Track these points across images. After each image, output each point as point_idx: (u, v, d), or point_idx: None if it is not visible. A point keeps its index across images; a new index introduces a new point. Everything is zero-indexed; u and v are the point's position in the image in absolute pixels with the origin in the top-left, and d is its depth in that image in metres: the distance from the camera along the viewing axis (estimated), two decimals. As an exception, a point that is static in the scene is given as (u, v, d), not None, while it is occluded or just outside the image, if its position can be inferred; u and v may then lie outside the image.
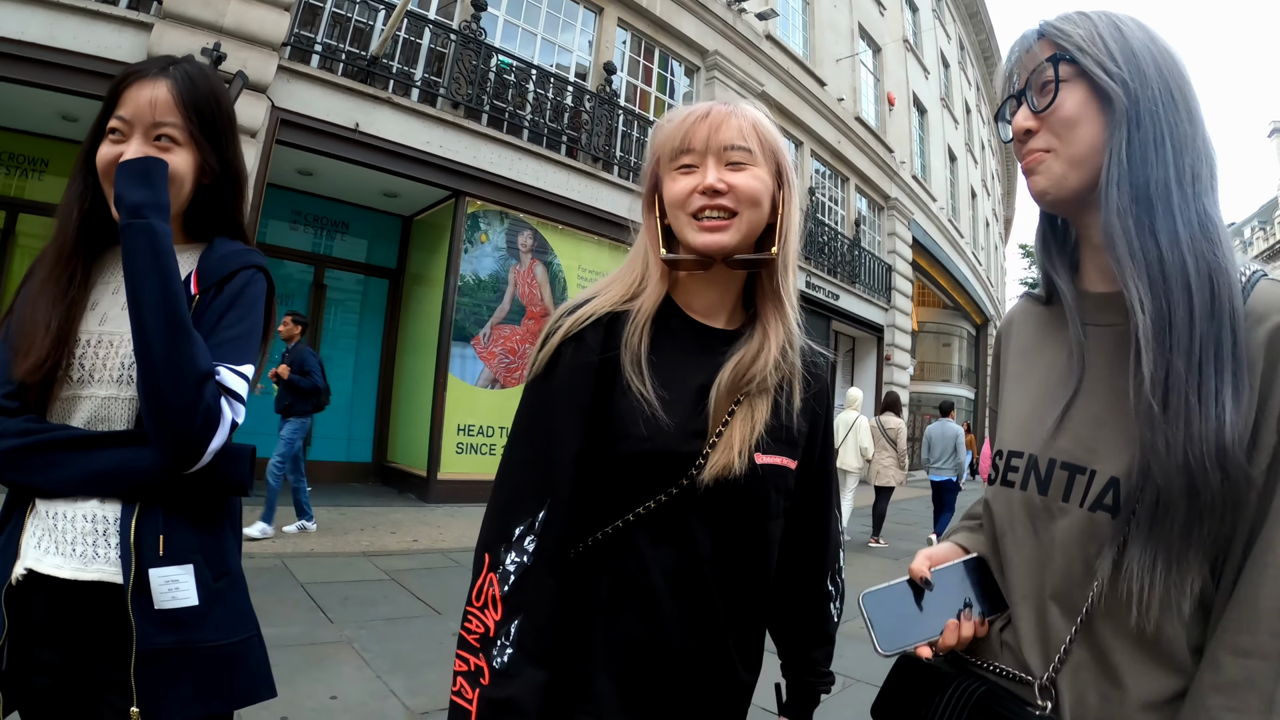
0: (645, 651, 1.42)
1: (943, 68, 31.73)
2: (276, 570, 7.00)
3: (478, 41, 12.46)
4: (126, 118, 1.61)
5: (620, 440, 1.41)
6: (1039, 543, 1.24)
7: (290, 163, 11.31)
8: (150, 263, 1.50)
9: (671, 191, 1.47)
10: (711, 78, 16.83)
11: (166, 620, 1.52)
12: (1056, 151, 1.24)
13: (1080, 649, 1.17)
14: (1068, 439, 1.23)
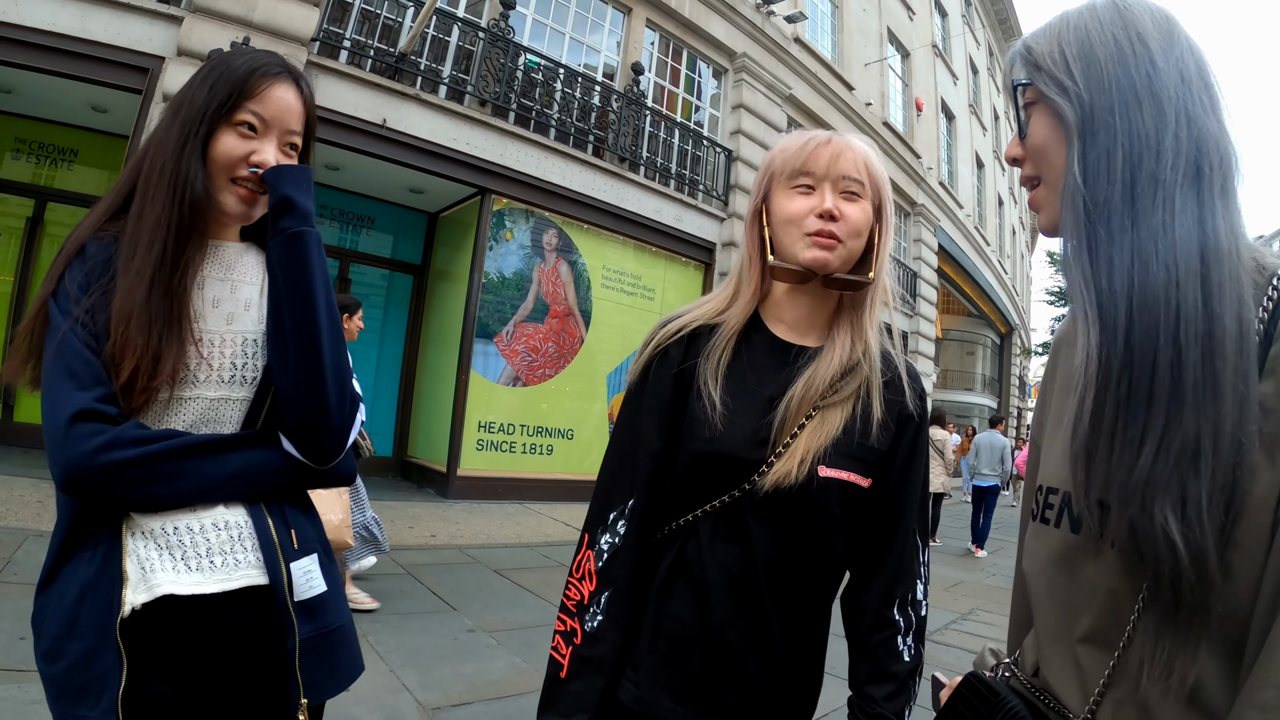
0: (691, 634, 1.54)
1: (971, 74, 31.56)
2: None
3: (506, 40, 12.48)
4: (265, 117, 1.61)
5: (689, 441, 1.57)
6: (1072, 582, 1.16)
7: (318, 157, 11.02)
8: (323, 270, 1.60)
9: (787, 208, 1.59)
10: (739, 80, 16.77)
11: (305, 610, 1.57)
12: (1044, 182, 1.19)
13: (1118, 689, 1.09)
14: None
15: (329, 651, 1.61)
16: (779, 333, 1.66)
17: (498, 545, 8.96)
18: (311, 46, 10.26)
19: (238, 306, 1.65)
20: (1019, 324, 38.14)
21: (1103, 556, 1.10)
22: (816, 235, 1.55)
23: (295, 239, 1.57)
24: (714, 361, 1.59)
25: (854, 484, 1.57)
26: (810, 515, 1.55)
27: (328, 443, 1.61)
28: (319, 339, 1.55)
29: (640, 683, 1.55)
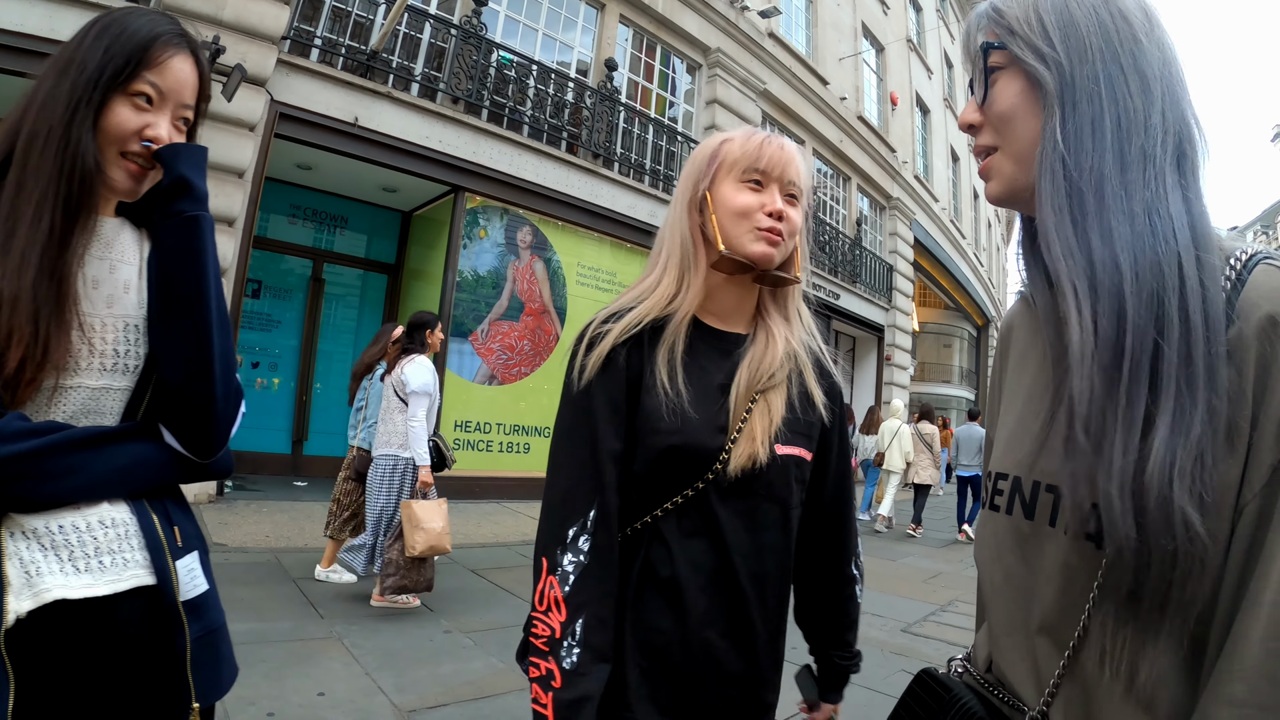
0: (668, 641, 1.51)
1: (946, 68, 31.62)
2: (269, 565, 6.98)
3: (478, 37, 12.41)
4: (163, 89, 1.50)
5: (651, 435, 1.53)
6: (1028, 571, 1.12)
7: (289, 157, 11.27)
8: (211, 256, 1.52)
9: (737, 200, 1.61)
10: (714, 75, 16.77)
11: (191, 610, 1.51)
12: (1002, 149, 1.15)
13: (1069, 686, 1.06)
14: (1053, 458, 1.06)
15: (214, 652, 1.56)
16: (710, 323, 1.68)
17: (475, 545, 8.94)
18: (282, 45, 10.16)
19: (117, 288, 1.52)
20: (995, 316, 38.26)
21: (1055, 543, 1.07)
22: (767, 231, 1.59)
23: (191, 224, 1.49)
24: (669, 354, 1.58)
25: (803, 458, 1.66)
26: (775, 494, 1.59)
27: (212, 435, 1.53)
28: (209, 328, 1.48)
29: (630, 705, 1.50)
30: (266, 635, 5.13)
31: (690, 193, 1.68)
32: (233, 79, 8.91)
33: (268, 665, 4.62)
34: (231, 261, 9.78)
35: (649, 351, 1.57)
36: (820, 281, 20.03)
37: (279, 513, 9.16)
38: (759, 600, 1.57)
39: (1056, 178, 1.04)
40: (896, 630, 7.12)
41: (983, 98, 1.15)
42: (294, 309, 13.13)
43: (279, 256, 12.87)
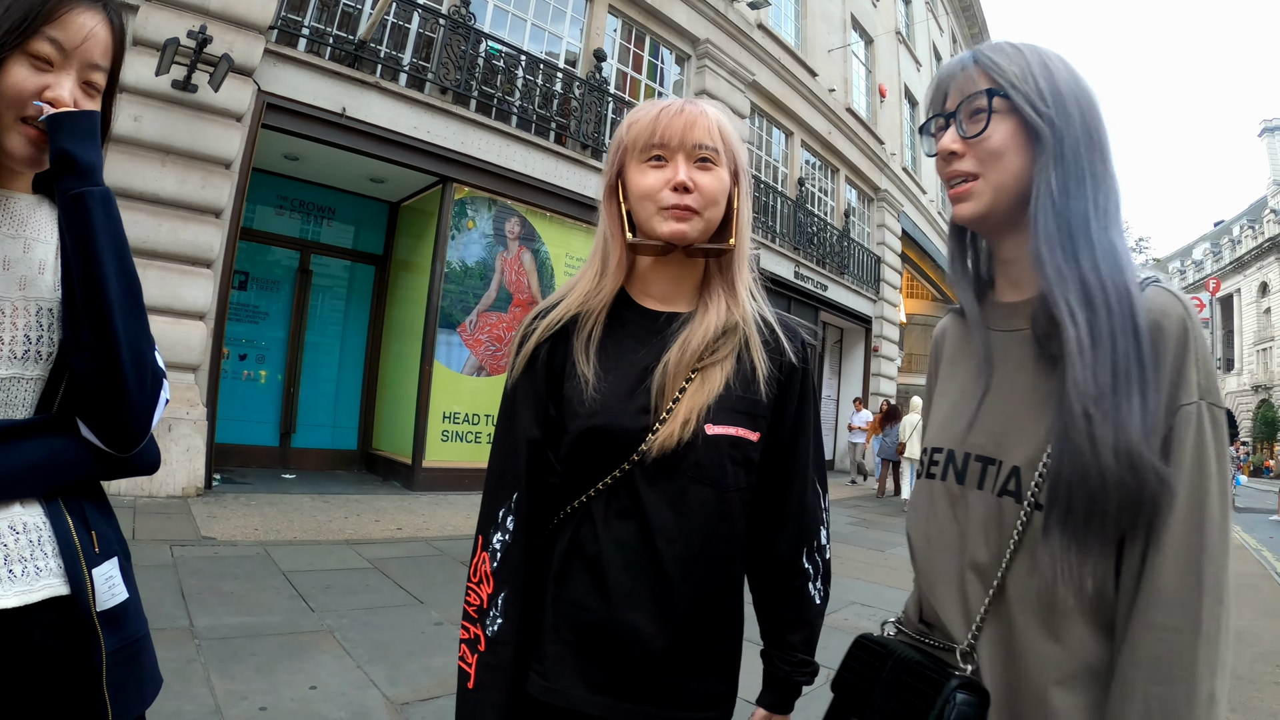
0: (593, 618, 1.52)
1: (935, 60, 31.60)
2: (259, 558, 6.93)
3: (467, 26, 12.35)
4: (65, 46, 1.37)
5: (570, 421, 1.55)
6: (958, 525, 1.41)
7: (276, 147, 11.20)
8: (112, 233, 1.37)
9: (641, 183, 1.58)
10: (702, 66, 16.75)
11: (109, 620, 1.41)
12: (984, 177, 1.37)
13: (993, 622, 1.33)
14: (980, 435, 1.40)
15: (135, 664, 1.46)
16: (648, 305, 1.67)
17: (465, 537, 8.90)
18: (270, 34, 10.09)
19: (31, 269, 1.42)
20: (982, 308, 38.46)
21: (982, 501, 1.37)
22: (672, 209, 1.55)
23: (76, 202, 1.35)
24: (584, 340, 1.59)
25: (742, 438, 1.58)
26: (703, 476, 1.54)
27: (128, 426, 1.41)
28: (109, 311, 1.34)
29: (548, 674, 1.52)
30: (257, 629, 5.10)
31: (607, 179, 1.66)
32: (219, 69, 8.87)
33: (259, 659, 4.59)
34: (219, 253, 9.73)
35: (575, 340, 1.60)
36: (808, 273, 20.08)
37: (268, 505, 9.12)
38: (689, 584, 1.53)
39: (1049, 215, 1.31)
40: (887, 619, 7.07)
41: (978, 132, 1.35)
42: (281, 300, 13.05)
43: (266, 248, 12.79)
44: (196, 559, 6.61)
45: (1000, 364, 1.42)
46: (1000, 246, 1.48)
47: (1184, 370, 1.21)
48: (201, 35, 8.83)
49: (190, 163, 9.36)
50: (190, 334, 9.39)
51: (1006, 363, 1.41)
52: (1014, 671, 1.30)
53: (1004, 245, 1.46)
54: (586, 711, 1.50)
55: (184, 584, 5.85)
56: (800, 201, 20.58)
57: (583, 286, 1.65)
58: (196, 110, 9.35)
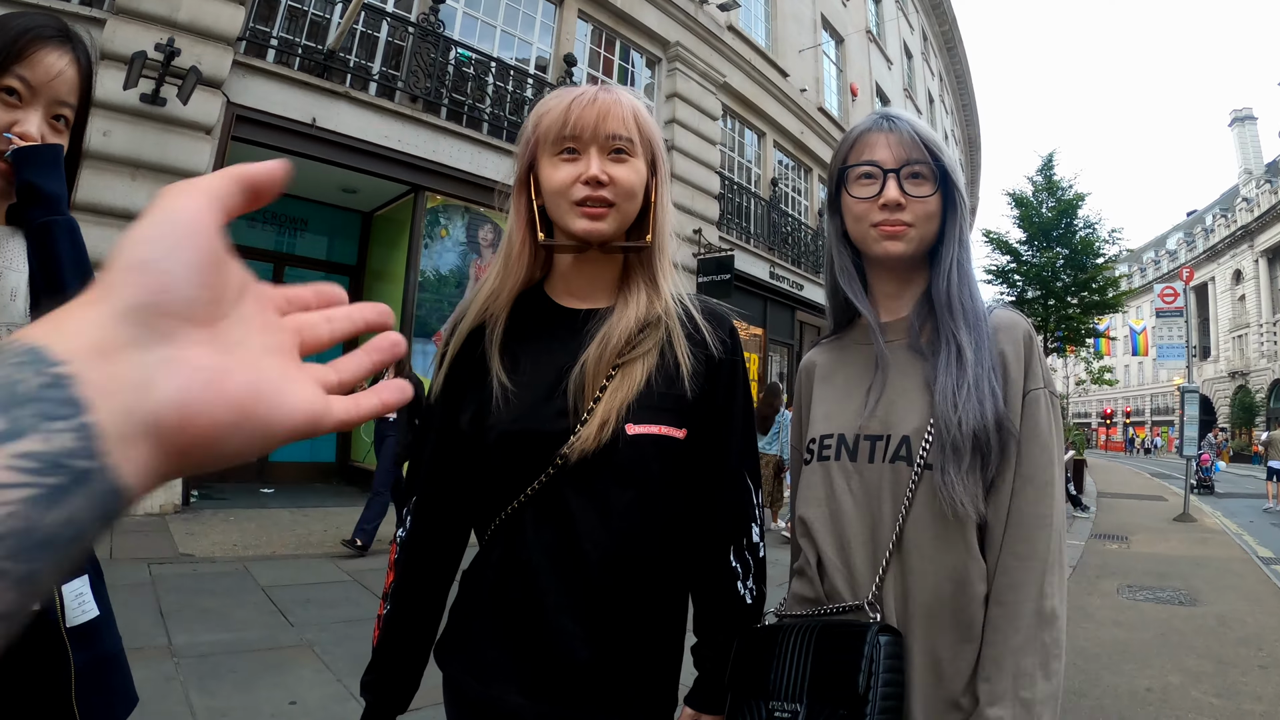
0: (527, 625, 1.50)
1: (906, 58, 31.82)
2: (237, 574, 6.89)
3: (436, 34, 12.33)
4: (32, 83, 1.44)
5: (488, 430, 1.51)
6: (856, 498, 1.63)
7: (247, 158, 10.55)
8: (76, 260, 1.45)
9: (554, 177, 1.52)
10: (673, 69, 16.79)
11: (79, 637, 1.44)
12: (915, 228, 1.66)
13: (894, 568, 1.56)
14: (871, 421, 1.65)
15: (105, 681, 1.49)
16: (568, 303, 1.63)
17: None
18: (238, 46, 10.03)
19: (3, 296, 1.47)
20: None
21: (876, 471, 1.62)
22: (584, 204, 1.50)
23: (41, 231, 1.43)
24: (494, 344, 1.55)
25: (667, 436, 1.53)
26: (627, 478, 1.50)
27: None
28: None
29: (484, 679, 1.51)
30: (235, 645, 5.08)
31: (517, 173, 1.62)
32: (188, 81, 8.83)
33: (238, 676, 4.57)
34: (190, 266, 9.63)
35: (486, 347, 1.57)
36: (783, 273, 20.13)
37: (247, 521, 9.07)
38: (618, 588, 1.49)
39: (954, 264, 1.68)
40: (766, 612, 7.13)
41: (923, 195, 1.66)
42: (255, 313, 12.92)
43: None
44: (175, 576, 6.57)
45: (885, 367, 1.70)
46: (887, 282, 1.78)
47: (1031, 364, 1.61)
48: (169, 48, 8.78)
49: (161, 176, 9.24)
50: (163, 349, 9.30)
51: (888, 366, 1.69)
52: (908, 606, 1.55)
53: (891, 281, 1.77)
54: (521, 716, 1.49)
55: (162, 602, 5.81)
56: (774, 202, 20.62)
57: (486, 289, 1.61)
58: (166, 123, 9.26)
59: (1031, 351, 1.62)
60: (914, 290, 1.75)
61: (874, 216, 1.66)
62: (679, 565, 1.63)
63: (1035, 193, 26.90)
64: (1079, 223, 26.03)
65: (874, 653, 1.44)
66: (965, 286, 1.67)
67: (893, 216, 1.64)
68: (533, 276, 1.64)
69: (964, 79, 43.04)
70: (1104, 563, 11.20)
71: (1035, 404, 1.58)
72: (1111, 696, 5.57)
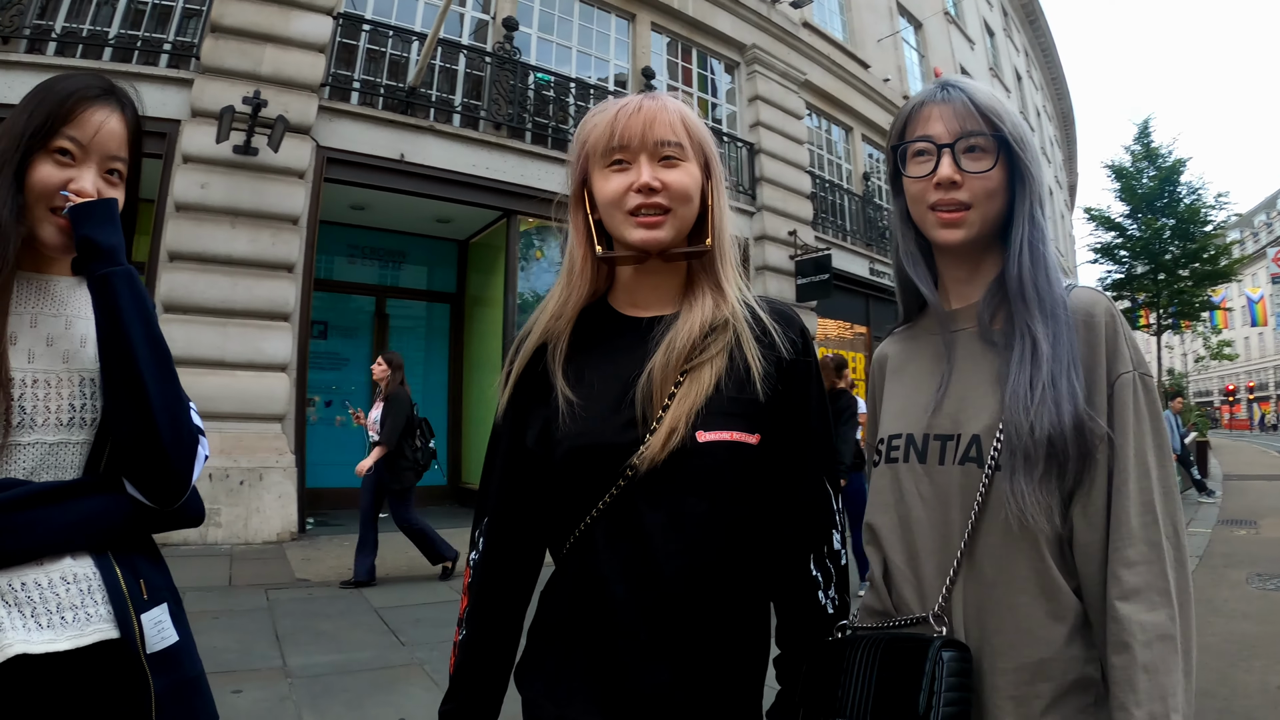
0: (604, 645, 1.44)
1: (988, 36, 31.05)
2: (351, 596, 7.17)
3: (513, 61, 12.62)
4: (82, 142, 1.53)
5: (555, 446, 1.48)
6: (927, 503, 1.51)
7: (342, 199, 11.58)
8: (138, 308, 1.51)
9: (606, 189, 1.50)
10: (753, 72, 16.75)
11: (159, 662, 1.51)
12: (976, 209, 1.51)
13: (964, 577, 1.45)
14: (940, 418, 1.53)
15: (185, 704, 1.56)
16: (632, 314, 1.59)
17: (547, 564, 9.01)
18: (322, 92, 10.50)
19: (73, 344, 1.57)
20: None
21: (946, 474, 1.49)
22: (639, 213, 1.47)
23: (102, 282, 1.49)
24: (557, 360, 1.53)
25: (740, 443, 1.47)
26: (700, 487, 1.45)
27: (168, 484, 1.54)
28: (142, 380, 1.48)
29: (562, 702, 1.47)
30: (348, 666, 5.27)
31: (573, 189, 1.60)
32: (276, 130, 9.22)
33: (349, 695, 4.75)
34: (295, 306, 10.12)
35: (550, 363, 1.55)
36: (883, 268, 19.84)
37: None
38: (696, 603, 1.44)
39: (1027, 248, 1.50)
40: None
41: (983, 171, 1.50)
42: (361, 346, 13.45)
43: (343, 296, 13.22)
44: (291, 601, 6.87)
45: (953, 358, 1.57)
46: (956, 267, 1.63)
47: (1117, 347, 1.44)
48: (256, 100, 9.21)
49: (259, 222, 9.74)
50: (274, 386, 9.77)
51: (957, 357, 1.57)
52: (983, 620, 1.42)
53: (960, 266, 1.62)
54: None
55: (278, 625, 6.07)
56: (868, 197, 20.35)
57: (552, 306, 1.58)
58: (259, 171, 9.75)
59: (1116, 332, 1.44)
60: (986, 273, 1.58)
61: (930, 197, 1.52)
62: (758, 576, 1.55)
63: (1134, 162, 25.89)
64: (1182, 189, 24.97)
65: (936, 670, 1.32)
66: (1040, 270, 1.48)
67: (948, 196, 1.50)
68: (597, 290, 1.61)
69: (1050, 52, 41.76)
70: (1231, 550, 10.58)
71: (1125, 389, 1.40)
72: (1241, 695, 5.13)
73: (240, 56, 9.87)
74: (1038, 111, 38.31)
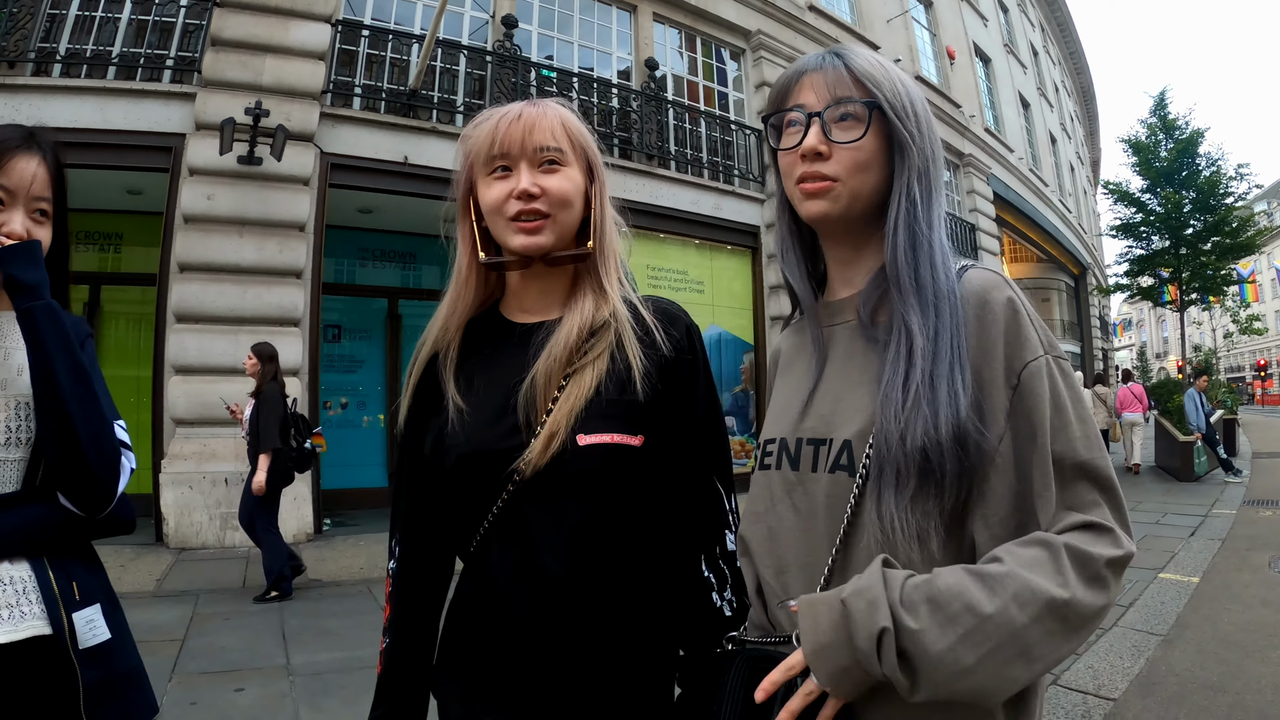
0: (505, 648, 1.49)
1: (1001, 12, 30.63)
2: (360, 595, 7.33)
3: (514, 58, 12.70)
4: (9, 188, 1.68)
5: (446, 455, 1.52)
6: (798, 514, 1.39)
7: (348, 203, 11.72)
8: (58, 338, 1.66)
9: (488, 197, 1.54)
10: (759, 58, 16.68)
11: (90, 658, 1.67)
12: (843, 182, 1.37)
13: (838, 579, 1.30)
14: (812, 419, 1.41)
15: (115, 695, 1.72)
16: (520, 320, 1.63)
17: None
18: (324, 99, 10.65)
19: (10, 372, 1.73)
20: (1091, 262, 36.86)
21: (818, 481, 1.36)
22: (519, 219, 1.50)
23: (25, 316, 1.64)
24: (448, 368, 1.58)
25: (621, 445, 1.49)
26: (581, 491, 1.48)
27: (95, 495, 1.70)
28: (64, 402, 1.63)
29: (469, 702, 1.53)
30: (349, 664, 5.40)
31: (459, 198, 1.65)
32: (277, 139, 9.39)
33: (347, 692, 4.87)
34: (304, 311, 10.29)
35: (441, 372, 1.60)
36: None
37: (376, 544, 9.54)
38: (585, 604, 1.47)
39: (905, 227, 1.36)
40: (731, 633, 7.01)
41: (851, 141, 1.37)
42: (375, 347, 13.60)
43: (355, 299, 13.37)
44: (300, 600, 7.06)
45: (831, 355, 1.47)
46: (836, 247, 1.50)
47: (1020, 334, 1.27)
48: (257, 110, 9.37)
49: (266, 230, 9.92)
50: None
51: (835, 353, 1.46)
52: None
53: (839, 246, 1.49)
54: None
55: (286, 625, 6.25)
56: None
57: (440, 316, 1.63)
58: (264, 180, 9.91)
59: (1017, 317, 1.29)
60: (869, 257, 1.47)
61: (796, 170, 1.41)
62: (651, 578, 1.58)
63: (1150, 135, 25.38)
64: (1201, 161, 24.34)
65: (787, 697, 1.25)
66: (922, 254, 1.34)
67: (813, 168, 1.38)
68: (489, 298, 1.67)
69: (1067, 26, 41.13)
70: (1256, 533, 10.21)
71: (1037, 377, 1.25)
72: (1254, 690, 4.82)
73: (241, 68, 10.04)
74: (1056, 87, 37.72)
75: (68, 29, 9.93)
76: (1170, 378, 27.97)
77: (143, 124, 9.61)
